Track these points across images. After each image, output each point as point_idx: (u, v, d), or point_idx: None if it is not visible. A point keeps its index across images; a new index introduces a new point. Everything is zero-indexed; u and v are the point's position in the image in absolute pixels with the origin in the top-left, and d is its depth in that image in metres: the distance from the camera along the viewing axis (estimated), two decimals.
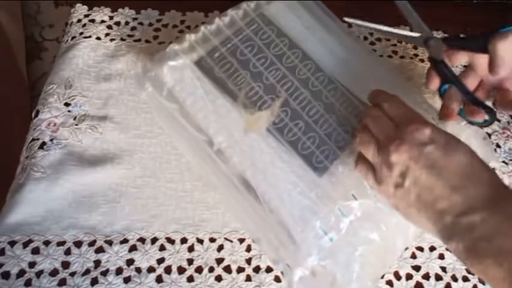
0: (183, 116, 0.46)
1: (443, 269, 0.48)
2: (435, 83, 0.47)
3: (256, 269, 0.46)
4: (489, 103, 0.46)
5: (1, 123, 0.96)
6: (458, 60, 0.47)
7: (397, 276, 0.47)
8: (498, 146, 0.56)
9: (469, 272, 0.48)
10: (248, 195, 0.44)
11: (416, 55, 0.62)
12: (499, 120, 0.58)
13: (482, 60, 0.45)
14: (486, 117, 0.45)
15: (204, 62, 0.49)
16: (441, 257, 0.49)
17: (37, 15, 1.34)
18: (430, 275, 0.48)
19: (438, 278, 0.48)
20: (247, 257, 0.47)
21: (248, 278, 0.46)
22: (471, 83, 0.47)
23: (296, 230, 0.42)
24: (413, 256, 0.49)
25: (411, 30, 0.49)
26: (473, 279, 0.48)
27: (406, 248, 0.49)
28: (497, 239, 0.33)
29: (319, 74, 0.50)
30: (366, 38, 0.64)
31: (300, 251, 0.41)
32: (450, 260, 0.49)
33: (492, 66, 0.42)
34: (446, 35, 0.64)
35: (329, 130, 0.47)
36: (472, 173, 0.35)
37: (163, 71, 0.47)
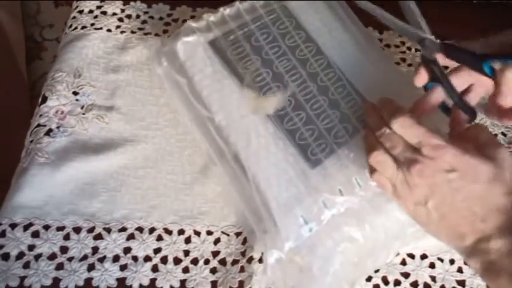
0: (190, 91, 0.48)
1: (433, 278, 0.48)
2: (423, 79, 0.46)
3: (249, 260, 0.47)
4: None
5: (1, 123, 0.96)
6: (464, 81, 0.46)
7: (385, 281, 0.48)
8: None
9: (459, 284, 0.48)
10: (240, 174, 0.45)
11: None
12: (505, 135, 0.58)
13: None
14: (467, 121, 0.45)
15: (218, 42, 0.50)
16: (432, 266, 0.49)
17: (37, 15, 1.34)
18: (419, 283, 0.48)
19: (427, 287, 0.48)
20: (242, 250, 0.48)
21: (242, 269, 0.46)
22: (462, 84, 0.46)
23: (278, 215, 0.43)
24: (404, 263, 0.49)
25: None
26: None
27: (397, 254, 0.49)
28: (511, 263, 0.36)
29: (329, 70, 0.51)
30: None
31: (279, 235, 0.42)
32: (441, 269, 0.49)
33: (499, 95, 0.42)
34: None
35: (330, 125, 0.48)
36: (492, 201, 0.38)
37: (177, 46, 0.49)
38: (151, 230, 0.48)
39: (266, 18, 0.52)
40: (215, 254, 0.47)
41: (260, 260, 0.47)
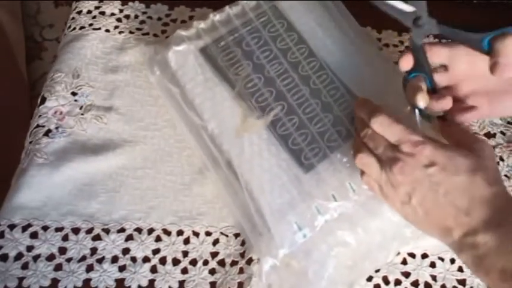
0: (183, 99, 0.48)
1: (434, 277, 0.48)
2: (408, 63, 0.44)
3: (249, 261, 0.47)
4: None
5: (1, 124, 0.96)
6: (437, 57, 0.45)
7: (386, 281, 0.48)
8: (501, 159, 0.56)
9: (459, 283, 0.48)
10: (234, 181, 0.45)
11: None
12: (504, 133, 0.58)
13: (461, 64, 0.44)
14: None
15: (208, 49, 0.50)
16: (432, 265, 0.49)
17: (37, 15, 1.34)
18: (420, 282, 0.48)
19: (427, 286, 0.48)
20: (241, 251, 0.47)
21: (241, 271, 0.46)
22: (441, 82, 0.45)
23: (272, 221, 0.43)
24: (404, 262, 0.49)
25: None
26: None
27: (398, 253, 0.49)
28: (500, 259, 0.36)
29: (322, 72, 0.51)
30: None
31: (273, 242, 0.42)
32: (441, 269, 0.49)
33: (497, 66, 0.40)
34: None
35: (322, 129, 0.48)
36: (475, 192, 0.37)
37: (168, 55, 0.49)
38: (150, 231, 0.48)
39: (256, 21, 0.52)
40: (214, 255, 0.47)
41: (259, 262, 0.46)
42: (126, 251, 0.47)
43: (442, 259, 0.49)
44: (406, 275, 0.48)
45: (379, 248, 0.46)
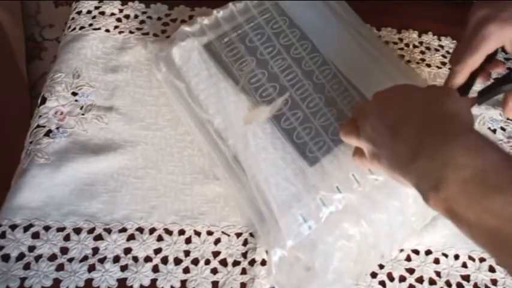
0: (189, 95, 0.49)
1: (438, 273, 0.48)
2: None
3: (252, 262, 0.47)
4: None
5: (1, 124, 0.96)
6: None
7: (390, 278, 0.48)
8: None
9: (463, 279, 0.48)
10: (241, 174, 0.46)
11: (423, 60, 0.62)
12: (504, 129, 0.58)
13: None
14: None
15: (212, 45, 0.51)
16: (436, 261, 0.49)
17: (37, 15, 1.34)
18: (424, 279, 0.48)
19: (432, 282, 0.48)
20: (243, 251, 0.47)
21: (243, 271, 0.46)
22: None
23: (278, 213, 0.43)
24: (408, 259, 0.49)
25: None
26: (468, 287, 0.48)
27: (402, 250, 0.49)
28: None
29: (325, 67, 0.51)
30: None
31: (280, 234, 0.42)
32: (445, 265, 0.49)
33: None
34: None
35: (326, 123, 0.48)
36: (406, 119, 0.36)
37: (172, 51, 0.50)
38: (152, 231, 0.48)
39: (259, 18, 0.52)
40: (216, 254, 0.47)
41: (262, 263, 0.47)
42: (127, 250, 0.47)
43: (446, 255, 0.49)
44: (411, 271, 0.48)
45: (386, 238, 0.46)
